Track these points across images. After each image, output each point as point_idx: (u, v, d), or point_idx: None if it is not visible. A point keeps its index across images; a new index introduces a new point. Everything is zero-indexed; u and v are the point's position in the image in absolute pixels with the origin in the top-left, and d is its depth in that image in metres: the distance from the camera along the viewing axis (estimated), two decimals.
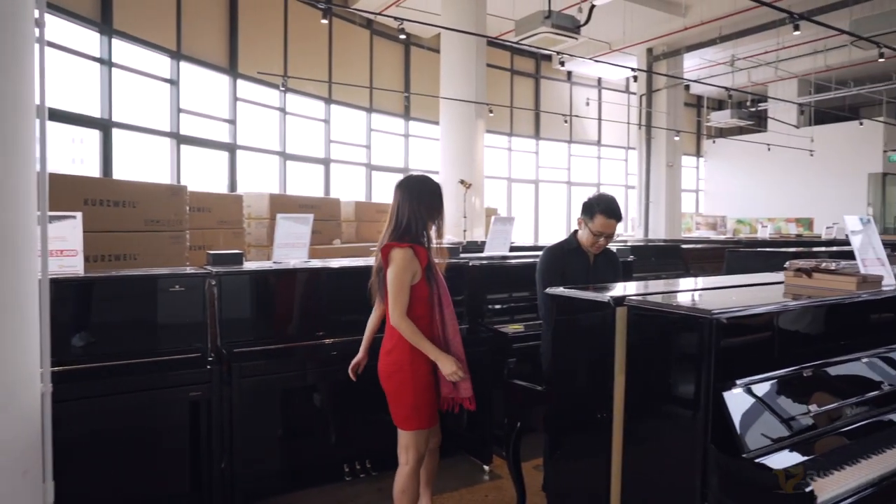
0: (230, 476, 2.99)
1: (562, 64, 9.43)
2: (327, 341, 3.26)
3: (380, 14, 9.97)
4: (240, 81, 9.90)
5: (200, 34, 9.27)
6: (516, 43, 8.15)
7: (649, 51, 14.39)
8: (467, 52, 9.36)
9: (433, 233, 2.61)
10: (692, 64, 15.46)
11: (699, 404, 1.75)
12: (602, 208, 2.83)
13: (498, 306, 4.01)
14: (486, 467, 3.60)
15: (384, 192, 12.47)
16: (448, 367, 2.44)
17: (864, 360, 2.18)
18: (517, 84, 15.04)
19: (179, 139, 8.76)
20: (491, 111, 10.58)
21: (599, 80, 16.67)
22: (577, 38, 8.06)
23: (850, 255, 2.54)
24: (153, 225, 4.15)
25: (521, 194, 15.36)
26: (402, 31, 7.05)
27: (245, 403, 3.00)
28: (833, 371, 2.06)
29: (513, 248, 5.09)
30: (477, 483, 3.45)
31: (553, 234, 15.37)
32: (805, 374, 1.97)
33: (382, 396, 3.04)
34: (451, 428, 3.27)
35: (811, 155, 16.14)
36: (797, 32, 7.68)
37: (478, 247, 5.86)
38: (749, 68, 15.06)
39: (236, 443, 2.99)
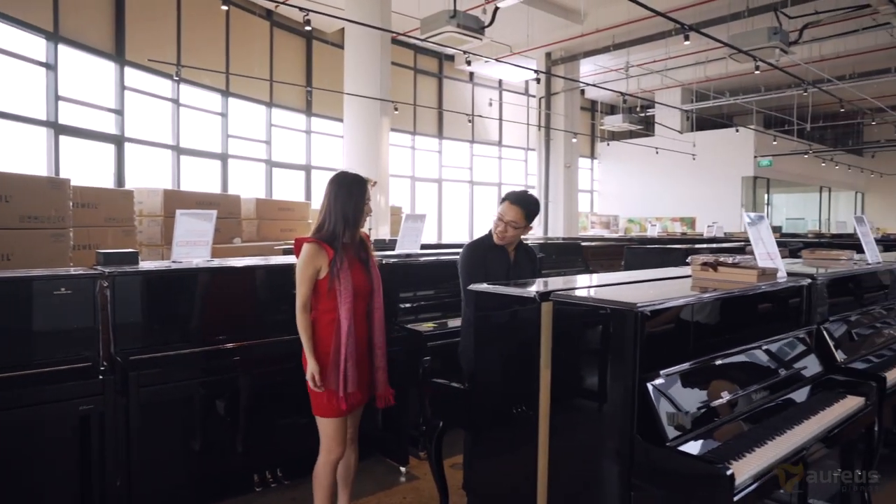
0: (127, 494, 2.75)
1: (468, 63, 9.50)
2: (230, 345, 3.08)
3: (281, 4, 9.63)
4: (127, 69, 9.20)
5: (81, 15, 8.52)
6: (422, 40, 8.13)
7: (548, 55, 14.86)
8: (372, 48, 9.23)
9: (345, 230, 2.56)
10: (587, 70, 16.16)
11: (625, 395, 1.79)
12: (507, 195, 2.93)
13: (411, 305, 3.96)
14: (402, 469, 3.54)
15: (285, 189, 12.08)
16: (308, 371, 2.50)
17: (765, 347, 2.33)
18: (420, 83, 15.06)
19: (58, 129, 8.01)
20: (396, 109, 10.51)
21: (500, 81, 17.03)
22: (481, 39, 8.15)
23: (732, 251, 2.72)
24: (30, 222, 3.76)
25: (425, 193, 15.40)
26: (308, 22, 6.82)
27: (144, 415, 2.77)
28: (741, 358, 2.19)
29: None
30: (394, 485, 3.39)
31: (456, 233, 15.55)
32: (718, 363, 2.07)
33: (291, 402, 3.01)
34: (365, 430, 3.18)
35: (693, 159, 17.35)
36: (687, 42, 8.18)
37: (385, 245, 5.78)
38: (639, 76, 15.94)
39: (134, 458, 2.76)
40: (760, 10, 10.50)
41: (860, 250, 3.94)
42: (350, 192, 2.59)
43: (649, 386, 1.80)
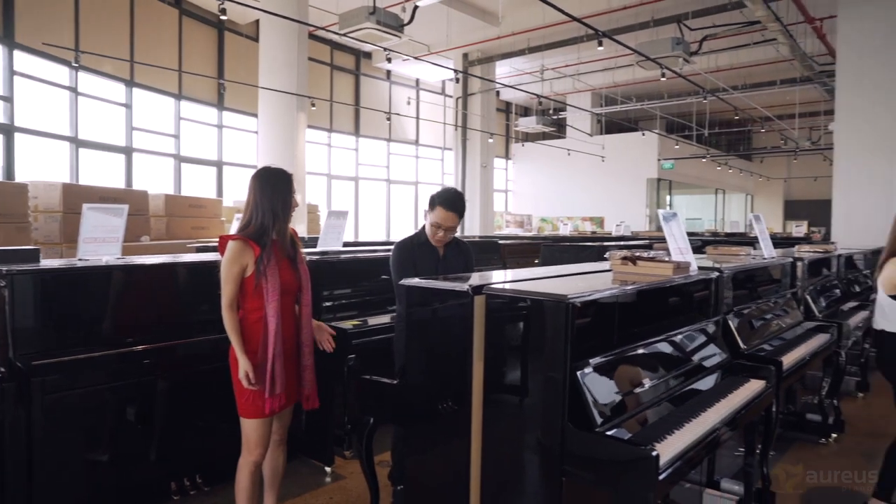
0: None
1: (389, 60, 9.48)
2: (144, 347, 2.92)
3: None
4: (18, 53, 8.49)
5: None
6: (341, 35, 8.02)
7: (465, 56, 15.06)
8: (288, 41, 9.01)
9: (274, 225, 2.51)
10: (503, 72, 16.50)
11: (557, 384, 1.85)
12: (441, 200, 2.91)
13: (333, 302, 3.90)
14: (327, 469, 3.49)
15: (195, 185, 11.56)
16: (240, 370, 2.43)
17: (681, 336, 2.47)
18: (337, 80, 14.83)
19: None
20: (313, 105, 10.30)
21: (417, 80, 17.06)
22: (400, 37, 8.15)
23: (641, 247, 2.86)
24: None
25: (341, 191, 15.19)
26: (224, 12, 6.55)
27: (48, 423, 2.58)
28: (660, 347, 2.31)
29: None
30: (320, 486, 3.33)
31: (373, 232, 15.44)
32: (640, 352, 2.18)
33: (211, 405, 3.01)
34: (289, 430, 3.11)
35: (602, 161, 18.09)
36: (601, 48, 8.52)
37: (305, 243, 5.66)
38: (552, 79, 16.45)
39: (37, 470, 2.56)
40: (665, 21, 11.11)
41: (754, 247, 4.26)
42: (276, 187, 2.55)
43: (579, 375, 1.87)
